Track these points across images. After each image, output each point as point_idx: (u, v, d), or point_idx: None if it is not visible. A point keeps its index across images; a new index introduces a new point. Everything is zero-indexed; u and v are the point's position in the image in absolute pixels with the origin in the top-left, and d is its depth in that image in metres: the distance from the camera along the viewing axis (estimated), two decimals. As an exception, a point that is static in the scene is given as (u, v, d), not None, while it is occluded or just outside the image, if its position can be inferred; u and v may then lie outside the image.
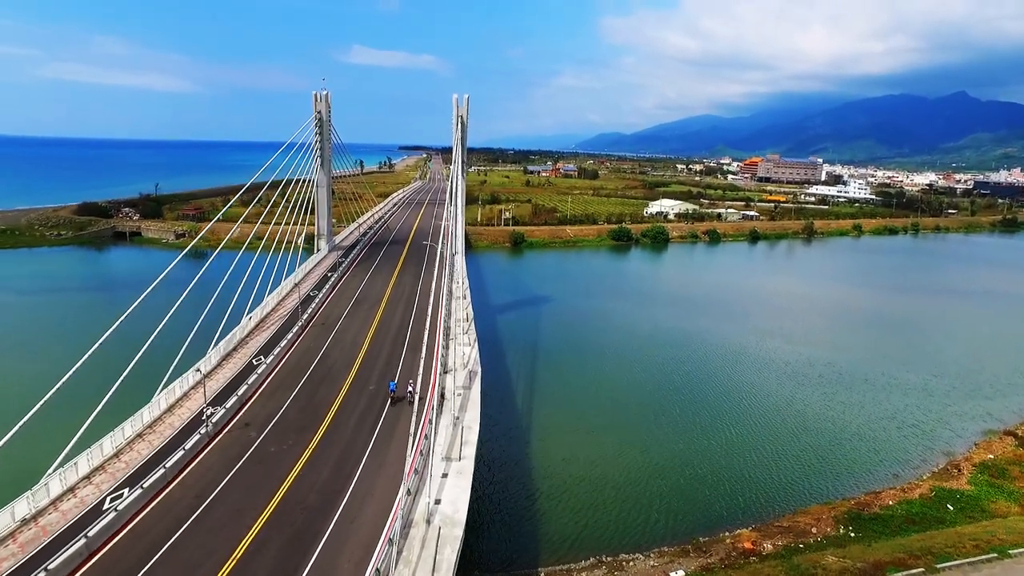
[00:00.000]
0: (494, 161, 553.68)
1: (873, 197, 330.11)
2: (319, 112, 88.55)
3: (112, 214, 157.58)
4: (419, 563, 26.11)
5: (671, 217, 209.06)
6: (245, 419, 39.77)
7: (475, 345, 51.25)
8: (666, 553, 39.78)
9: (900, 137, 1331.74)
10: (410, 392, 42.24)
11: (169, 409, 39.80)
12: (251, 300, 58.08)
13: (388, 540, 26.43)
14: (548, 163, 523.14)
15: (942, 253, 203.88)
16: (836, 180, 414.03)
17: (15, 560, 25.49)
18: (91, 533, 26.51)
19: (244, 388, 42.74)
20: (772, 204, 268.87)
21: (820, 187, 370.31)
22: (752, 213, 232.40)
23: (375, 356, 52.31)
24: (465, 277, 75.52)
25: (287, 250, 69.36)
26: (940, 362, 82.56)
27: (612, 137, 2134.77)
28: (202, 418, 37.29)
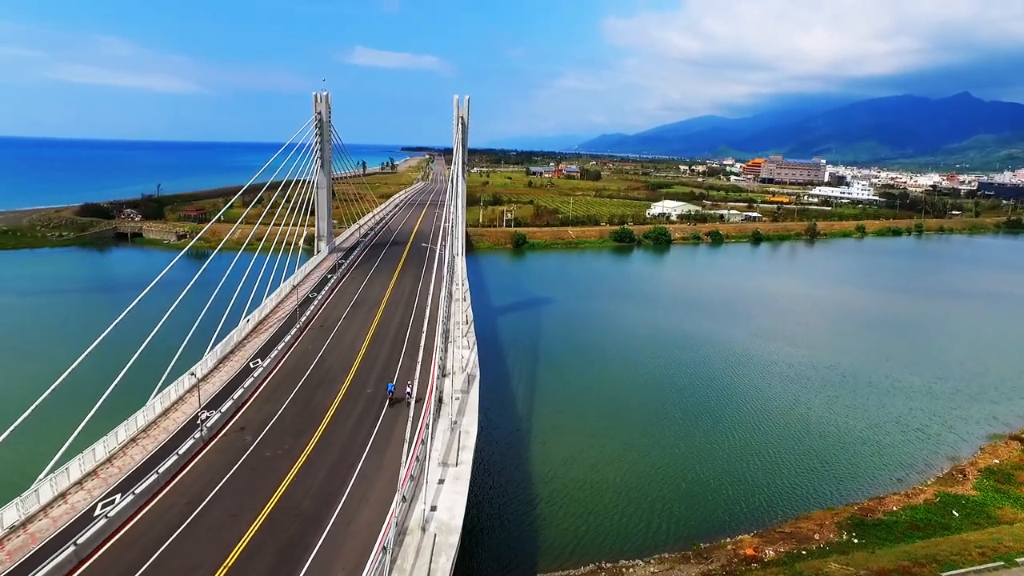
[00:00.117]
0: (497, 162, 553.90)
1: (876, 198, 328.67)
2: (319, 113, 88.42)
3: (114, 215, 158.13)
4: (413, 572, 25.69)
5: (673, 218, 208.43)
6: (241, 423, 39.39)
7: (474, 348, 50.93)
8: (667, 559, 39.26)
9: (903, 138, 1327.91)
10: (408, 393, 41.80)
11: (164, 413, 39.42)
12: (249, 302, 57.73)
13: (382, 548, 26.01)
14: (551, 164, 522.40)
15: (946, 255, 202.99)
16: (839, 181, 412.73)
17: (2, 568, 25.13)
18: (80, 540, 26.12)
19: (240, 391, 42.38)
20: (775, 205, 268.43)
21: (823, 188, 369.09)
22: (755, 214, 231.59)
23: (373, 359, 51.93)
24: (465, 279, 75.19)
25: (287, 251, 69.11)
26: (944, 365, 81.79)
27: (615, 138, 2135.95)
28: (197, 422, 36.91)
